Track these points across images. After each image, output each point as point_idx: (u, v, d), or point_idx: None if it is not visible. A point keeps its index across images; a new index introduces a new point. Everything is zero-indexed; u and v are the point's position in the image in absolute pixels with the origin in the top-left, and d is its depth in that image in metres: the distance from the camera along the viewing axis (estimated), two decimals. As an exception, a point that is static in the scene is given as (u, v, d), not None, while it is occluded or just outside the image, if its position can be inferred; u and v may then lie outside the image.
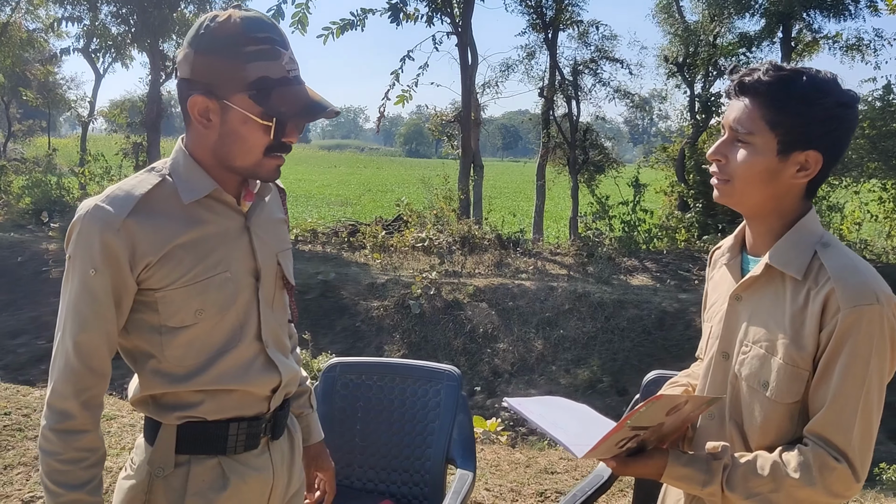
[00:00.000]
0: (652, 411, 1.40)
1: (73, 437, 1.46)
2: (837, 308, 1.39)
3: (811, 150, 1.45)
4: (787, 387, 1.45)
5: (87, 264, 1.42)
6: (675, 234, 13.04)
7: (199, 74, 1.44)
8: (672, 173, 15.19)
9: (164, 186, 1.49)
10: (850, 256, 1.47)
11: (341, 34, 11.54)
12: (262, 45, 1.42)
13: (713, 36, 14.51)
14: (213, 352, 1.53)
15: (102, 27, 15.56)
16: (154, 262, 1.44)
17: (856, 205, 12.70)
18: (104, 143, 20.27)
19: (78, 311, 1.45)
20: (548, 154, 14.89)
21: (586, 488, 2.57)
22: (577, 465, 4.43)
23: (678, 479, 1.50)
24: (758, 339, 1.50)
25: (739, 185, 1.50)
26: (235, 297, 1.54)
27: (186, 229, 1.48)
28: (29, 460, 3.96)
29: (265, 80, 1.42)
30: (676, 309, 8.73)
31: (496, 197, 25.08)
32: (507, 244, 11.84)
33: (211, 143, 1.49)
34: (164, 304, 1.48)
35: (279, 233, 1.68)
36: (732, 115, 1.49)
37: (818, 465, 1.40)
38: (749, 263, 1.60)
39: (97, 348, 1.46)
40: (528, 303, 9.13)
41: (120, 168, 15.16)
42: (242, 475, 1.58)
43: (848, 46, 13.82)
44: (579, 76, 14.87)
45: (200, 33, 1.44)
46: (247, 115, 1.44)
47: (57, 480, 1.46)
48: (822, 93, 1.43)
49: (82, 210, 1.45)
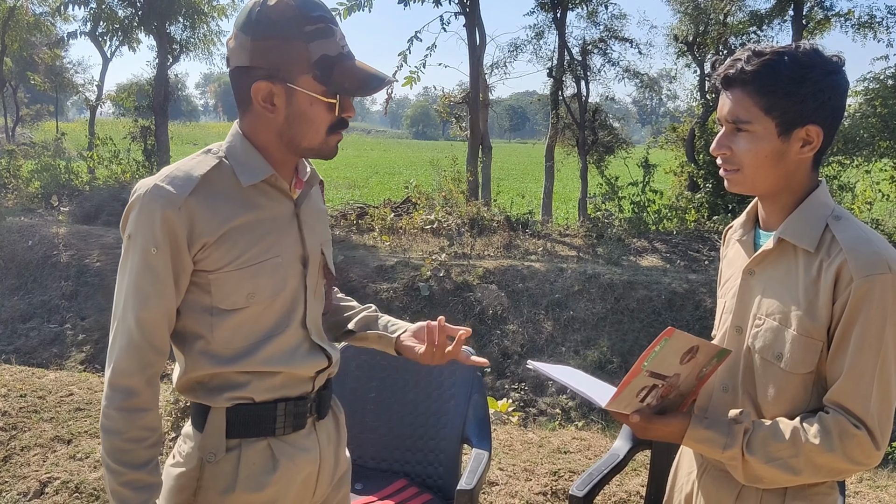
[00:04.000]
0: (665, 351, 1.43)
1: (136, 415, 1.47)
2: (850, 278, 1.41)
3: (810, 125, 1.47)
4: (801, 357, 1.47)
5: (149, 242, 1.43)
6: (685, 214, 12.98)
7: (260, 60, 1.44)
8: (682, 154, 15.11)
9: (222, 169, 1.51)
10: (861, 228, 1.49)
11: (349, 15, 11.47)
12: (319, 23, 1.45)
13: (724, 14, 14.38)
14: (260, 336, 1.55)
15: (109, 10, 15.49)
16: (210, 242, 1.46)
17: (867, 184, 12.62)
18: (112, 126, 20.29)
19: (140, 289, 1.45)
20: (556, 135, 14.81)
21: (602, 467, 2.57)
22: (590, 445, 4.44)
23: (699, 441, 1.52)
24: (771, 311, 1.52)
25: (749, 172, 1.52)
26: (286, 282, 1.56)
27: (242, 212, 1.50)
28: (45, 442, 3.99)
29: (326, 58, 1.45)
30: (686, 290, 8.70)
31: (504, 179, 25.03)
32: (515, 226, 11.81)
33: (276, 128, 1.51)
34: (217, 285, 1.49)
35: (323, 224, 1.71)
36: (726, 109, 1.52)
37: (838, 432, 1.42)
38: (761, 238, 1.62)
39: (159, 325, 1.47)
40: (537, 284, 9.12)
41: (128, 152, 15.15)
42: (291, 456, 1.60)
43: (860, 24, 13.68)
44: (588, 56, 14.76)
45: (254, 19, 1.44)
46: (313, 95, 1.46)
47: (119, 459, 1.47)
48: (806, 67, 1.45)
49: (141, 189, 1.47)
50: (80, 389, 4.74)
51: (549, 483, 3.88)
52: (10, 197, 13.92)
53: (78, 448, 3.96)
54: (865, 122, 11.77)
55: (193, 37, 16.82)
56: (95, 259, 10.08)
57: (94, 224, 11.73)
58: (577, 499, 2.42)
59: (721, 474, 1.62)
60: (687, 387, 1.57)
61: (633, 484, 3.89)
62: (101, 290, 9.50)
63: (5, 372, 5.00)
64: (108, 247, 10.29)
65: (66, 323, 9.10)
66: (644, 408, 1.53)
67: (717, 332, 1.70)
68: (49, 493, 3.56)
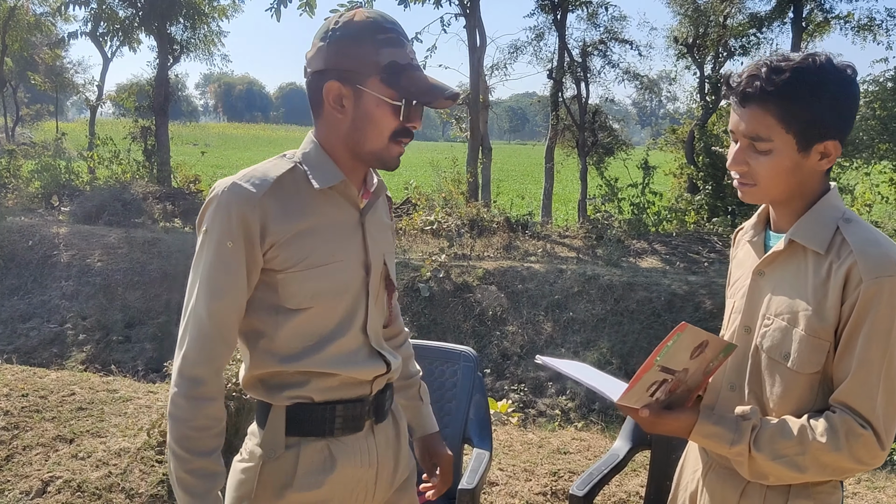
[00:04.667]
0: (677, 346, 1.46)
1: (203, 403, 1.52)
2: (860, 280, 1.43)
3: (829, 140, 1.49)
4: (809, 357, 1.49)
5: (225, 237, 1.50)
6: (685, 216, 13.01)
7: (333, 63, 1.53)
8: (681, 155, 15.13)
9: (296, 173, 1.58)
10: (871, 230, 1.51)
11: (349, 16, 11.49)
12: (390, 34, 1.53)
13: (723, 16, 14.40)
14: (321, 337, 1.60)
15: (110, 10, 15.52)
16: (280, 242, 1.53)
17: (866, 186, 12.64)
18: (112, 127, 20.31)
19: (214, 281, 1.51)
20: (556, 136, 14.84)
21: (602, 467, 2.60)
22: (590, 446, 4.46)
23: (707, 436, 1.54)
24: (780, 311, 1.54)
25: (766, 186, 1.54)
26: (348, 286, 1.62)
27: (311, 216, 1.57)
28: (47, 441, 4.01)
29: (395, 64, 1.52)
30: (686, 291, 8.72)
31: (504, 180, 25.05)
32: (515, 227, 11.83)
33: (343, 130, 1.58)
34: (283, 285, 1.55)
35: (387, 235, 1.77)
36: (744, 126, 1.51)
37: (845, 431, 1.44)
38: (772, 240, 1.64)
39: (229, 317, 1.54)
40: (537, 285, 9.14)
41: (129, 152, 15.17)
42: (349, 457, 1.64)
43: (860, 27, 13.71)
44: (588, 58, 14.79)
45: (333, 27, 1.54)
46: (379, 97, 1.52)
47: (187, 447, 1.51)
48: (825, 84, 1.45)
49: (220, 188, 1.53)
50: (82, 389, 4.76)
51: (548, 483, 3.90)
52: (11, 197, 13.93)
53: (80, 447, 3.98)
54: (865, 124, 11.80)
55: (194, 37, 16.85)
56: (97, 259, 10.10)
57: (95, 224, 11.75)
58: (577, 498, 2.44)
59: (726, 472, 1.63)
60: (694, 381, 1.59)
61: (633, 484, 3.91)
62: (103, 290, 9.53)
63: (7, 371, 5.02)
64: (110, 247, 10.31)
65: (66, 323, 9.11)
66: (653, 402, 1.55)
67: (725, 331, 1.72)
68: (51, 492, 3.58)
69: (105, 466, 3.82)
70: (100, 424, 4.26)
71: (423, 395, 1.97)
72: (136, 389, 4.91)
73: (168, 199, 13.35)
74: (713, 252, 11.34)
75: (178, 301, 9.34)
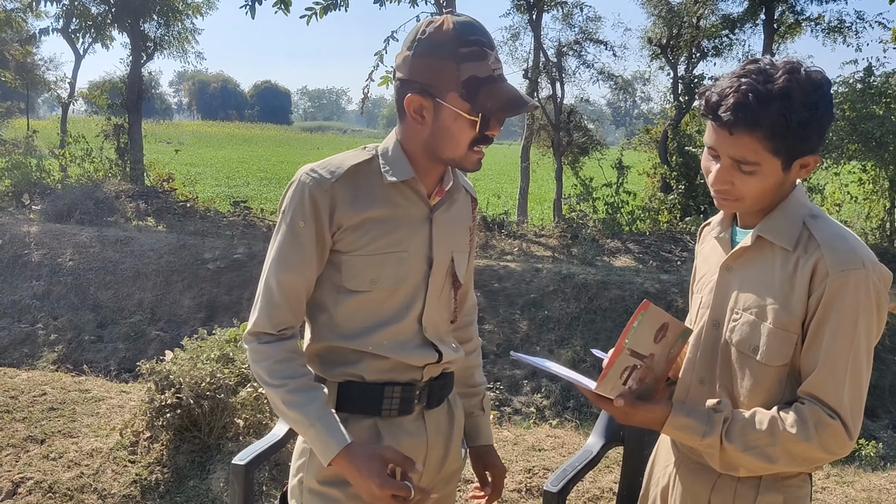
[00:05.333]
0: (642, 327, 1.53)
1: (278, 343, 1.64)
2: (826, 273, 1.46)
3: (809, 155, 1.52)
4: (777, 350, 1.52)
5: (298, 217, 1.63)
6: (658, 215, 13.12)
7: (416, 75, 1.60)
8: (655, 155, 15.25)
9: (372, 164, 1.69)
10: (837, 226, 1.54)
11: (325, 14, 11.43)
12: (473, 46, 1.57)
13: (696, 18, 14.54)
14: (377, 321, 1.69)
15: (82, 7, 15.34)
16: (347, 226, 1.64)
17: (836, 186, 12.81)
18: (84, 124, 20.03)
19: (285, 256, 1.64)
20: (532, 136, 14.92)
21: (576, 463, 2.61)
22: (564, 443, 4.49)
23: (679, 428, 1.56)
24: (748, 306, 1.57)
25: (749, 202, 1.56)
26: (407, 276, 1.70)
27: (380, 206, 1.66)
28: (18, 442, 3.97)
29: (474, 79, 1.57)
30: (658, 290, 8.80)
31: (480, 179, 25.09)
32: (492, 226, 11.87)
33: (423, 138, 1.65)
34: (346, 266, 1.66)
35: (460, 234, 1.82)
36: (729, 149, 1.50)
37: (814, 422, 1.47)
38: (738, 236, 1.66)
39: (298, 289, 1.66)
40: (513, 284, 9.18)
41: (101, 150, 15.00)
42: (396, 437, 1.71)
43: (830, 29, 13.90)
44: (563, 58, 14.87)
45: (419, 38, 1.60)
46: (457, 112, 1.59)
47: (278, 374, 1.61)
48: (813, 108, 1.46)
49: (300, 173, 1.66)
50: (54, 389, 4.71)
51: (523, 480, 3.93)
52: (-21, 195, 13.72)
53: (51, 448, 3.94)
54: (835, 125, 11.94)
55: (168, 34, 16.70)
56: (69, 258, 9.98)
57: (66, 223, 11.60)
58: (551, 494, 2.46)
59: (697, 467, 1.66)
60: (660, 369, 1.63)
61: (607, 480, 3.95)
62: (75, 290, 9.42)
63: (-23, 372, 4.95)
64: (82, 246, 10.20)
65: (37, 322, 9.00)
66: (627, 392, 1.58)
67: (692, 326, 1.74)
68: (22, 494, 3.55)
69: (77, 467, 3.79)
70: (71, 425, 4.23)
71: (485, 405, 2.03)
72: (108, 389, 4.87)
73: (141, 198, 13.23)
74: (685, 251, 11.45)
75: (151, 300, 9.27)
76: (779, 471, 1.54)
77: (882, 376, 6.91)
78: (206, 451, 3.93)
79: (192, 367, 3.97)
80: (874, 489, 4.09)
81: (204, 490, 3.72)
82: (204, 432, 3.95)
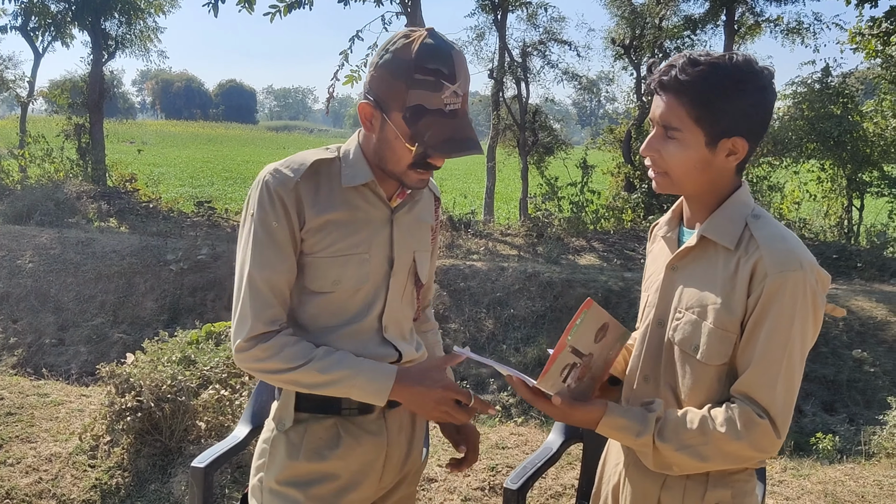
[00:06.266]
0: (585, 325, 1.56)
1: (278, 336, 1.64)
2: (765, 274, 1.48)
3: (737, 137, 1.53)
4: (717, 349, 1.54)
5: (270, 218, 1.64)
6: (622, 214, 13.24)
7: (373, 86, 1.62)
8: (619, 155, 15.38)
9: (333, 165, 1.71)
10: (778, 227, 1.56)
11: (288, 12, 11.36)
12: (428, 76, 1.57)
13: (659, 18, 14.70)
14: (339, 321, 1.71)
15: (41, 4, 15.06)
16: (311, 227, 1.66)
17: (795, 185, 13.03)
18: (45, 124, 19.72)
19: (265, 255, 1.64)
20: (498, 136, 14.95)
21: (536, 460, 2.64)
22: (528, 441, 4.53)
23: (614, 428, 1.58)
24: (691, 305, 1.59)
25: (676, 177, 1.59)
26: (369, 277, 1.72)
27: (341, 208, 1.68)
28: (-26, 447, 3.90)
29: (420, 107, 1.57)
30: (622, 287, 8.88)
31: (447, 178, 25.11)
32: (458, 225, 11.89)
33: (373, 144, 1.68)
34: (309, 268, 1.69)
35: (422, 234, 1.84)
36: (658, 112, 1.56)
37: (744, 421, 1.49)
38: (685, 236, 1.68)
39: (282, 285, 1.66)
40: (479, 283, 9.21)
41: (62, 150, 14.75)
42: (356, 436, 1.73)
43: (789, 30, 14.11)
44: (528, 58, 14.93)
45: (388, 49, 1.61)
46: (397, 132, 1.61)
47: (295, 356, 1.62)
48: (739, 83, 1.49)
49: (264, 173, 1.67)
50: (11, 394, 4.64)
51: (486, 478, 3.95)
52: (-64, 196, 13.42)
53: (8, 453, 3.88)
54: (794, 124, 12.17)
55: (129, 33, 16.46)
56: (28, 260, 9.80)
57: (26, 224, 11.40)
58: (511, 492, 2.48)
59: None
60: (598, 369, 1.66)
61: (569, 477, 3.99)
62: (35, 293, 9.25)
63: (-68, 377, 4.86)
64: (42, 247, 10.03)
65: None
66: (565, 391, 1.59)
67: (639, 324, 1.77)
68: (-21, 500, 3.49)
69: (35, 472, 3.74)
70: (29, 430, 4.17)
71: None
72: (68, 393, 4.81)
73: (103, 199, 13.03)
74: (650, 249, 11.56)
75: (113, 302, 9.14)
76: (711, 469, 1.56)
77: (839, 371, 7.05)
78: (168, 454, 3.90)
79: (152, 369, 3.94)
80: (830, 482, 4.18)
81: (165, 494, 3.69)
82: (165, 435, 3.92)
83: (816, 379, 7.16)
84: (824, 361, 7.27)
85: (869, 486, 4.14)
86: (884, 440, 4.98)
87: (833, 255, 10.36)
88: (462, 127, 1.61)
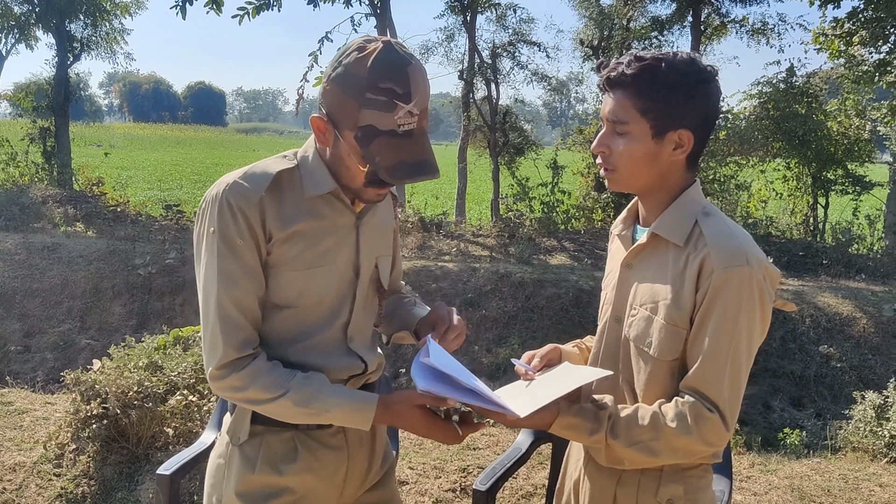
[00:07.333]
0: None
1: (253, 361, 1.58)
2: (711, 270, 1.51)
3: (682, 129, 1.56)
4: (668, 345, 1.56)
5: (234, 235, 1.56)
6: (592, 214, 13.33)
7: (327, 101, 1.56)
8: (588, 155, 15.47)
9: (294, 174, 1.64)
10: (727, 224, 1.59)
11: (257, 14, 11.30)
12: (381, 95, 1.49)
13: (626, 20, 14.81)
14: (302, 332, 1.65)
15: (4, 6, 14.83)
16: (277, 239, 1.59)
17: (762, 183, 13.21)
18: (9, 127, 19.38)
19: (230, 274, 1.56)
20: (468, 137, 14.97)
21: (505, 461, 2.65)
22: (499, 441, 4.54)
23: (567, 427, 1.59)
24: (644, 301, 1.62)
25: (625, 172, 1.62)
26: (335, 287, 1.67)
27: (306, 217, 1.62)
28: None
29: (372, 128, 1.50)
30: (592, 287, 8.94)
31: (418, 180, 25.03)
32: (429, 227, 11.88)
33: (327, 156, 1.64)
34: (274, 281, 1.62)
35: (385, 237, 1.80)
36: (607, 109, 1.60)
37: (693, 416, 1.51)
38: (639, 234, 1.72)
39: (253, 305, 1.60)
40: (450, 284, 9.21)
41: (27, 154, 14.53)
42: (314, 450, 1.68)
43: (754, 30, 14.28)
44: (498, 59, 14.96)
45: (341, 61, 1.54)
46: (349, 151, 1.56)
47: (273, 386, 1.56)
48: (682, 74, 1.54)
49: (221, 186, 1.58)
50: (-25, 402, 4.56)
51: (458, 480, 3.95)
52: None
53: (-28, 463, 3.81)
54: (760, 124, 12.33)
55: (95, 35, 16.26)
56: (-9, 266, 9.64)
57: (-11, 230, 11.21)
58: (480, 493, 2.49)
59: None
60: None
61: (540, 477, 4.00)
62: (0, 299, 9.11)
63: None
64: (6, 253, 9.86)
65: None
66: None
67: (599, 322, 1.79)
68: (-59, 511, 3.42)
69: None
70: (-6, 439, 4.10)
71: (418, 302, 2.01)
72: (32, 401, 4.73)
73: (69, 203, 12.85)
74: (620, 248, 11.63)
75: (80, 308, 9.02)
76: (662, 463, 1.59)
77: (807, 367, 7.15)
78: (135, 461, 3.85)
79: (118, 375, 3.89)
80: (797, 476, 4.24)
81: (132, 502, 3.65)
82: (132, 442, 3.87)
83: (784, 375, 7.26)
84: (792, 357, 7.38)
85: (835, 479, 4.20)
86: (850, 434, 5.06)
87: (800, 253, 10.51)
88: (417, 149, 1.54)
